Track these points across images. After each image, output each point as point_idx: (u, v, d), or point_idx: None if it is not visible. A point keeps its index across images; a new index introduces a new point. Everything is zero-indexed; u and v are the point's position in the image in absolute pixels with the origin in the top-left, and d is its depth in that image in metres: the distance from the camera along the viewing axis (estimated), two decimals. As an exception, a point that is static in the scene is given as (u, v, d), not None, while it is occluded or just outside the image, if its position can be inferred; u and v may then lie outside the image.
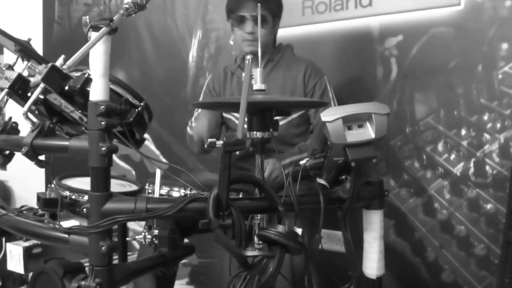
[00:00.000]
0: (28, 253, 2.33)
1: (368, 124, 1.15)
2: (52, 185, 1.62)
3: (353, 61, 2.41)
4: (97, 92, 1.09)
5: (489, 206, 2.07)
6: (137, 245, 2.43)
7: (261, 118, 1.22)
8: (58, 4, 3.53)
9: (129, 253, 1.88)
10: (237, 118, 2.05)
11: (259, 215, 1.28)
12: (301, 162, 1.20)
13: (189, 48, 2.97)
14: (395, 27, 2.26)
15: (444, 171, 2.17)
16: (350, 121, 1.14)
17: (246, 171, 1.91)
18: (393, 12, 2.26)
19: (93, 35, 1.07)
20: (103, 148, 1.06)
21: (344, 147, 1.14)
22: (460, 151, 2.13)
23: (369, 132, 1.15)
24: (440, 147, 2.18)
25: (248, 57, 1.06)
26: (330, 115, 1.11)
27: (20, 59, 1.66)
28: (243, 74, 1.16)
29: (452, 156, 2.15)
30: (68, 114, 1.39)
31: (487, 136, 2.07)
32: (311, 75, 2.03)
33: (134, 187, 1.76)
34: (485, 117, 2.07)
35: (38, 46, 3.55)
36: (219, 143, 1.00)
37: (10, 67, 1.63)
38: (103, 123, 1.06)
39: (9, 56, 1.74)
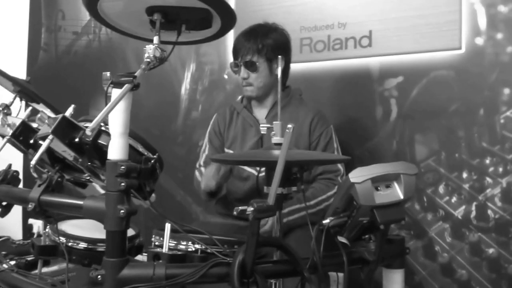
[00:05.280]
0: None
1: (396, 184, 1.12)
2: (47, 231, 1.54)
3: (352, 101, 2.39)
4: (116, 151, 1.02)
5: (491, 250, 2.05)
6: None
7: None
8: (45, 31, 3.45)
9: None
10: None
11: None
12: (324, 222, 1.15)
13: (181, 81, 2.91)
14: (395, 68, 2.26)
15: (445, 214, 2.15)
16: (378, 182, 1.10)
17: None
18: (393, 54, 2.25)
19: (114, 91, 1.01)
20: (122, 211, 0.99)
21: (371, 208, 1.09)
22: (461, 194, 2.12)
23: (397, 193, 1.11)
24: (441, 189, 2.16)
25: (290, 126, 1.01)
26: (359, 176, 1.07)
27: (18, 99, 1.59)
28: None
29: (454, 199, 2.13)
30: (71, 161, 1.32)
31: (489, 180, 2.06)
32: (318, 124, 2.01)
33: (131, 232, 1.69)
34: (487, 161, 2.06)
35: (22, 71, 3.46)
36: (250, 209, 0.94)
37: (7, 107, 1.56)
38: (122, 184, 0.99)
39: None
